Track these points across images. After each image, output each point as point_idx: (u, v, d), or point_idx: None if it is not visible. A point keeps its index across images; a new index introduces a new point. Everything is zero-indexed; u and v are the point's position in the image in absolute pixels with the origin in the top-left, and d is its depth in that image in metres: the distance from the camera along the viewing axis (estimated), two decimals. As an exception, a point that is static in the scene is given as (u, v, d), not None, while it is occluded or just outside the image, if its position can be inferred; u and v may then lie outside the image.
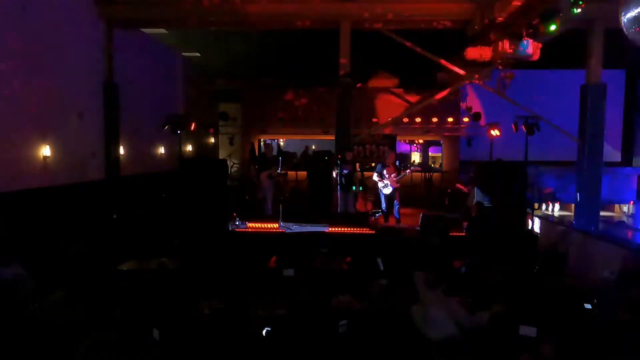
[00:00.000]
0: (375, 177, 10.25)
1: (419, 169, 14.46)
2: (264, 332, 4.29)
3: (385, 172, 10.13)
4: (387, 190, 10.11)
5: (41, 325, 4.38)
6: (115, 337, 3.10)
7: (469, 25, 10.06)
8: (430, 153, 18.08)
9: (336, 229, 9.10)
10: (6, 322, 4.52)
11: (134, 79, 11.17)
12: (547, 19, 7.62)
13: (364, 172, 12.58)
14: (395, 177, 10.07)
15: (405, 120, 14.60)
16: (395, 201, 10.22)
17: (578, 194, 10.39)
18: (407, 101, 15.30)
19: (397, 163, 10.82)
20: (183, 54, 14.33)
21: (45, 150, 8.04)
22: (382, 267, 6.74)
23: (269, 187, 10.49)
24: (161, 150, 12.89)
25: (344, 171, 9.97)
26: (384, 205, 10.29)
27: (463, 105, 15.28)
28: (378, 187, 10.33)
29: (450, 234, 8.88)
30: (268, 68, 15.26)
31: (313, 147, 15.97)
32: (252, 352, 4.13)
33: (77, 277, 5.98)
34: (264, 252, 7.46)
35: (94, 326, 3.30)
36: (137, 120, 11.34)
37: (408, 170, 10.81)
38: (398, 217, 10.28)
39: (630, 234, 11.73)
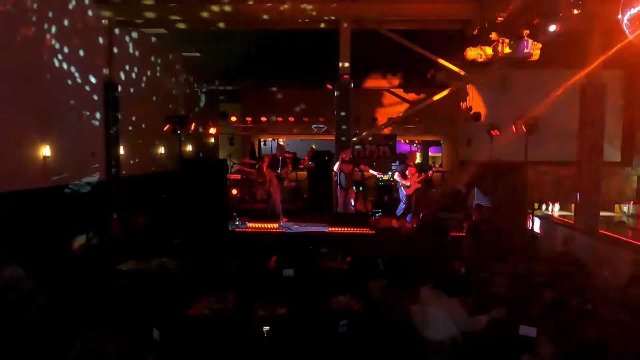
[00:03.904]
0: (396, 176, 10.21)
1: (440, 169, 14.43)
2: (264, 332, 4.30)
3: (407, 172, 10.10)
4: (409, 191, 10.08)
5: (37, 327, 4.38)
6: (110, 337, 3.09)
7: (469, 25, 10.06)
8: (430, 153, 18.08)
9: (336, 229, 9.10)
10: (5, 323, 4.52)
11: (134, 78, 11.17)
12: (547, 19, 7.63)
13: (364, 172, 12.58)
14: (417, 177, 10.03)
15: (405, 120, 14.60)
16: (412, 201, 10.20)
17: (578, 194, 10.37)
18: (407, 101, 15.29)
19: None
20: (183, 54, 14.33)
21: (45, 150, 8.04)
22: (382, 267, 6.74)
23: (276, 189, 10.30)
24: (161, 150, 12.89)
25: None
26: (402, 205, 10.26)
27: (463, 105, 15.26)
28: (398, 187, 10.29)
29: (450, 234, 8.88)
30: (268, 68, 15.26)
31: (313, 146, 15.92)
32: (252, 352, 4.12)
33: (77, 277, 5.97)
34: (264, 252, 7.46)
35: (90, 326, 3.29)
36: (137, 120, 11.34)
37: (430, 172, 10.71)
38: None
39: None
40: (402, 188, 10.08)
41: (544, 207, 10.81)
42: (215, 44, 13.33)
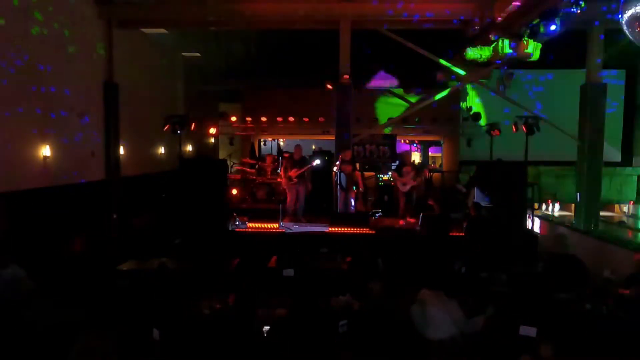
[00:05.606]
0: (391, 176, 10.20)
1: (436, 167, 14.35)
2: (264, 332, 4.30)
3: (403, 171, 10.11)
4: (406, 189, 10.08)
5: (37, 326, 4.38)
6: (110, 338, 3.09)
7: (469, 25, 10.05)
8: (430, 153, 18.07)
9: (336, 229, 9.10)
10: (5, 323, 4.52)
11: (133, 78, 11.17)
12: (547, 19, 7.62)
13: (364, 172, 12.62)
14: (413, 176, 10.02)
15: (405, 120, 14.59)
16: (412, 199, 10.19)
17: (578, 194, 10.39)
18: (407, 101, 15.29)
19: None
20: (183, 54, 14.33)
21: (45, 150, 8.04)
22: (381, 267, 6.75)
23: (289, 188, 10.26)
24: (161, 150, 12.89)
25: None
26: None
27: (463, 105, 15.27)
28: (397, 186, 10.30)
29: (450, 234, 8.88)
30: (268, 68, 15.26)
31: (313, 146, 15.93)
32: (252, 352, 4.13)
33: (76, 278, 5.98)
34: (264, 252, 7.46)
35: (90, 326, 3.29)
36: (137, 120, 11.34)
37: (425, 171, 10.67)
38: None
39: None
40: (399, 187, 10.10)
41: (544, 207, 10.84)
42: (215, 44, 13.34)
